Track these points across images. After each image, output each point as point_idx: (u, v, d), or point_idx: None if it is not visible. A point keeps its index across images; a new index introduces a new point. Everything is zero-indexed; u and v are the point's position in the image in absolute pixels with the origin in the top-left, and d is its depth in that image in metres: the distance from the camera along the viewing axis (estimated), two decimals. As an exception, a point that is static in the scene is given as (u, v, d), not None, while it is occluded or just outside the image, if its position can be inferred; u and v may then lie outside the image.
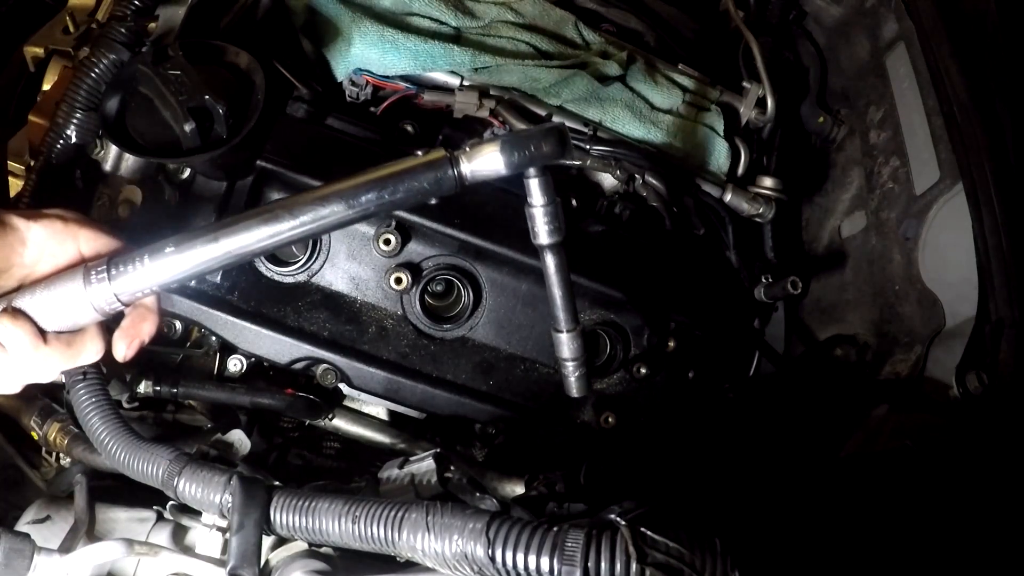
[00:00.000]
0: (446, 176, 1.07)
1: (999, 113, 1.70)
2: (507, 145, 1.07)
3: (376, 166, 1.10)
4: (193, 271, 1.08)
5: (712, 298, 1.83)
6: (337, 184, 1.08)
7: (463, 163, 1.07)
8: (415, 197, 1.08)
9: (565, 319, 1.31)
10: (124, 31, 1.47)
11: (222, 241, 1.07)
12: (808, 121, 2.20)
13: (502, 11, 1.81)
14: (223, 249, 1.08)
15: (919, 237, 1.82)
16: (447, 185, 1.08)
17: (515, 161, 1.08)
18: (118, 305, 1.10)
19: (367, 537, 1.04)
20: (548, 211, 1.20)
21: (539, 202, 1.18)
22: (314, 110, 1.63)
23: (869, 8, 2.06)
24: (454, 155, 1.07)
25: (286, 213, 1.07)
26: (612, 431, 1.73)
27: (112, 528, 1.29)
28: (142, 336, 1.18)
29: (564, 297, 1.29)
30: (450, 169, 1.07)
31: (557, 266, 1.26)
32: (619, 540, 0.95)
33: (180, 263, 1.08)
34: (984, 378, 1.59)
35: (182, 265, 1.08)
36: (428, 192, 1.08)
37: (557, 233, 1.22)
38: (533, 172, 1.15)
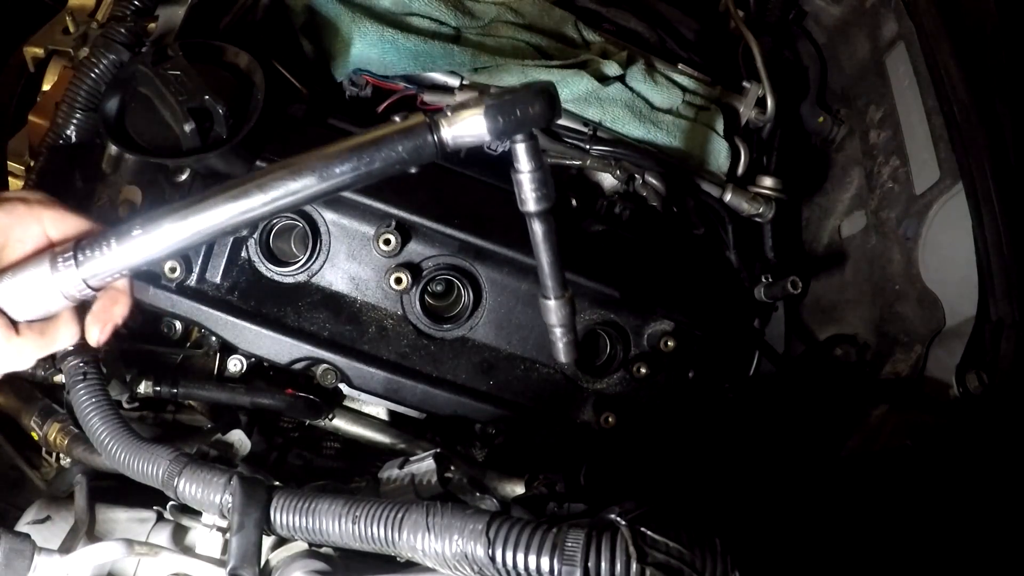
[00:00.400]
0: (425, 143, 1.00)
1: (999, 113, 1.70)
2: (492, 109, 1.00)
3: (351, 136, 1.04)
4: (162, 252, 1.05)
5: (712, 298, 1.83)
6: (309, 156, 1.03)
7: (443, 128, 1.01)
8: (393, 166, 1.02)
9: (553, 287, 1.27)
10: (124, 31, 1.47)
11: (191, 219, 1.03)
12: (808, 121, 2.20)
13: (502, 11, 1.81)
14: (192, 228, 1.03)
15: (919, 237, 1.82)
16: (427, 152, 1.01)
17: (500, 127, 1.01)
18: (88, 291, 1.07)
19: (367, 537, 1.04)
20: (535, 177, 1.13)
21: (526, 168, 1.12)
22: (314, 110, 1.63)
23: (869, 8, 2.06)
24: (434, 120, 1.01)
25: (256, 189, 1.02)
26: (612, 431, 1.73)
27: (112, 528, 1.29)
28: (115, 319, 1.16)
29: (552, 264, 1.24)
30: (429, 135, 1.00)
31: (545, 233, 1.21)
32: (619, 540, 0.95)
33: (149, 244, 1.04)
34: (984, 378, 1.59)
35: (151, 246, 1.04)
36: (407, 161, 1.01)
37: (545, 200, 1.16)
38: (520, 137, 1.08)
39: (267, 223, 1.63)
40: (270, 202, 1.03)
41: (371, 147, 1.02)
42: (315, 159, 1.03)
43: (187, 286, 1.61)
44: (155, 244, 1.04)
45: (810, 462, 1.81)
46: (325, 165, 1.02)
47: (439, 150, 1.01)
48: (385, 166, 1.02)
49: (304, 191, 1.03)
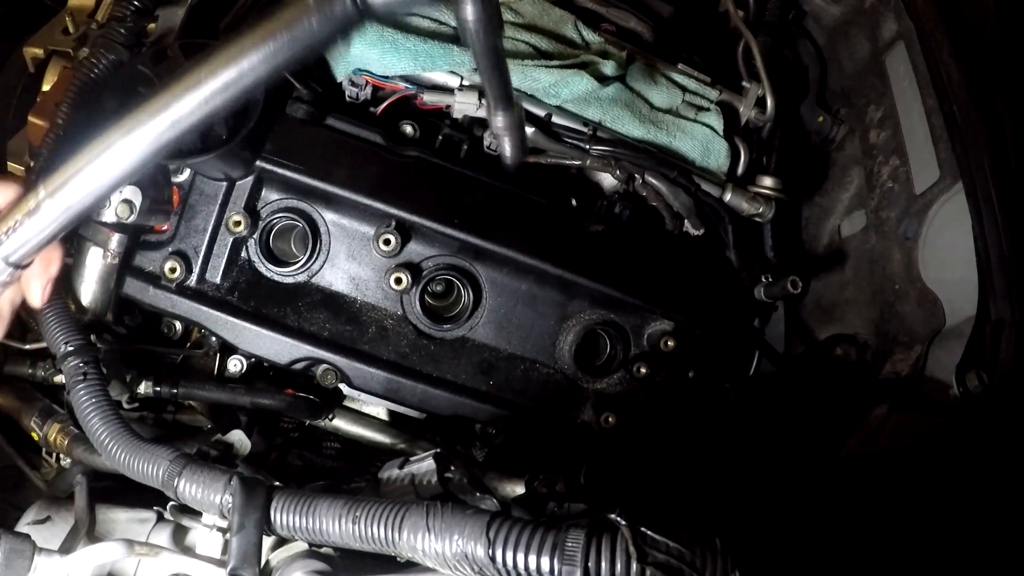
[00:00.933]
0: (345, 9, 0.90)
1: (999, 112, 1.70)
2: None
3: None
4: (77, 212, 1.00)
5: (712, 298, 1.83)
6: (216, 55, 0.92)
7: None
8: (315, 40, 0.92)
9: (503, 100, 1.25)
10: (123, 32, 1.47)
11: (104, 159, 0.96)
12: (808, 120, 2.20)
13: (501, 11, 1.80)
14: (99, 181, 0.98)
15: (919, 236, 1.82)
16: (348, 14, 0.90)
17: None
18: (17, 271, 1.05)
19: (367, 537, 1.04)
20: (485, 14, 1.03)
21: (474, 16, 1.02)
22: (314, 110, 1.63)
23: (868, 7, 2.06)
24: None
25: (162, 109, 0.93)
26: (612, 431, 1.73)
27: (112, 529, 1.29)
28: (51, 275, 1.20)
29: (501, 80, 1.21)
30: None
31: (495, 59, 1.14)
32: (619, 540, 0.95)
33: (60, 208, 0.99)
34: (984, 377, 1.59)
35: (64, 210, 0.99)
36: (330, 31, 0.92)
37: (495, 36, 1.08)
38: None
39: (267, 224, 1.63)
40: (188, 117, 0.94)
41: (289, 22, 0.91)
42: (228, 50, 0.92)
43: (187, 286, 1.61)
44: (67, 206, 0.98)
45: (810, 462, 1.81)
46: (239, 54, 0.92)
47: (362, 11, 0.91)
48: (308, 41, 0.92)
49: (223, 94, 0.93)
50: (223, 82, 0.92)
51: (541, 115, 1.74)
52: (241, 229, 1.59)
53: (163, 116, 0.94)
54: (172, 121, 0.94)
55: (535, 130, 1.71)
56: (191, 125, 0.95)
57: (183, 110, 0.94)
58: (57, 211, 1.00)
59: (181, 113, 0.94)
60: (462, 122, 1.75)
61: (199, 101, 0.93)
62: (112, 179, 0.99)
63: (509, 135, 1.31)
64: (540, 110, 1.74)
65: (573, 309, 1.74)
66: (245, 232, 1.59)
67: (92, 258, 1.57)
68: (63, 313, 1.38)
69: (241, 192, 1.61)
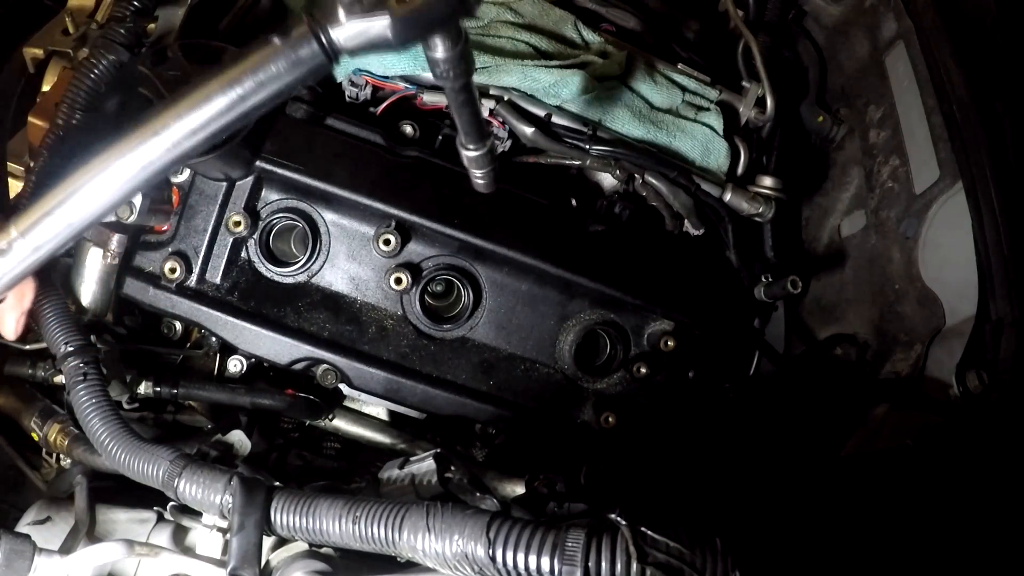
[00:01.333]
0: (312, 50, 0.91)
1: (999, 112, 1.70)
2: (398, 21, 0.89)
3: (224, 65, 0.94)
4: (48, 252, 1.01)
5: (712, 298, 1.83)
6: (183, 99, 0.93)
7: (332, 31, 0.91)
8: (284, 83, 0.92)
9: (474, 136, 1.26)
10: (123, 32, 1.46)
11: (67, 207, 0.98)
12: (808, 120, 2.20)
13: (501, 11, 1.81)
14: (69, 221, 0.99)
15: (919, 236, 1.82)
16: (317, 61, 0.91)
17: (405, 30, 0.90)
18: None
19: (368, 537, 1.04)
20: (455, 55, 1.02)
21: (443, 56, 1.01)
22: (313, 110, 1.63)
23: (868, 7, 2.06)
24: (320, 24, 0.91)
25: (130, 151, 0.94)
26: (612, 431, 1.73)
27: (113, 529, 1.29)
28: (25, 307, 1.25)
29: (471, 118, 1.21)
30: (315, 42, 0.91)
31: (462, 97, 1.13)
32: (619, 540, 0.95)
33: (31, 247, 1.00)
34: (984, 377, 1.59)
35: (34, 251, 1.00)
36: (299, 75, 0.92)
37: (464, 75, 1.07)
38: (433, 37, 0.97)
39: (267, 224, 1.63)
40: (151, 166, 0.95)
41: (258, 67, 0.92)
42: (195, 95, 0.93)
43: (187, 287, 1.61)
44: (41, 242, 1.00)
45: (810, 462, 1.81)
46: (206, 98, 0.92)
47: (331, 56, 0.92)
48: (277, 85, 0.93)
49: (185, 144, 0.94)
50: (190, 128, 0.94)
51: (541, 115, 1.74)
52: (241, 229, 1.59)
53: (131, 158, 0.95)
54: (141, 165, 0.96)
55: (535, 130, 1.71)
56: (161, 168, 0.96)
57: (151, 155, 0.95)
58: (28, 251, 1.02)
59: (150, 158, 0.95)
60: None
61: (167, 146, 0.94)
62: (82, 220, 1.00)
63: (480, 168, 1.33)
64: (540, 110, 1.74)
65: (573, 309, 1.74)
66: (245, 232, 1.59)
67: (92, 258, 1.57)
68: (63, 313, 1.38)
69: (241, 192, 1.61)
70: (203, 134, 0.94)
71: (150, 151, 0.95)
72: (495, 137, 1.69)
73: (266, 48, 0.92)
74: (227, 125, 0.94)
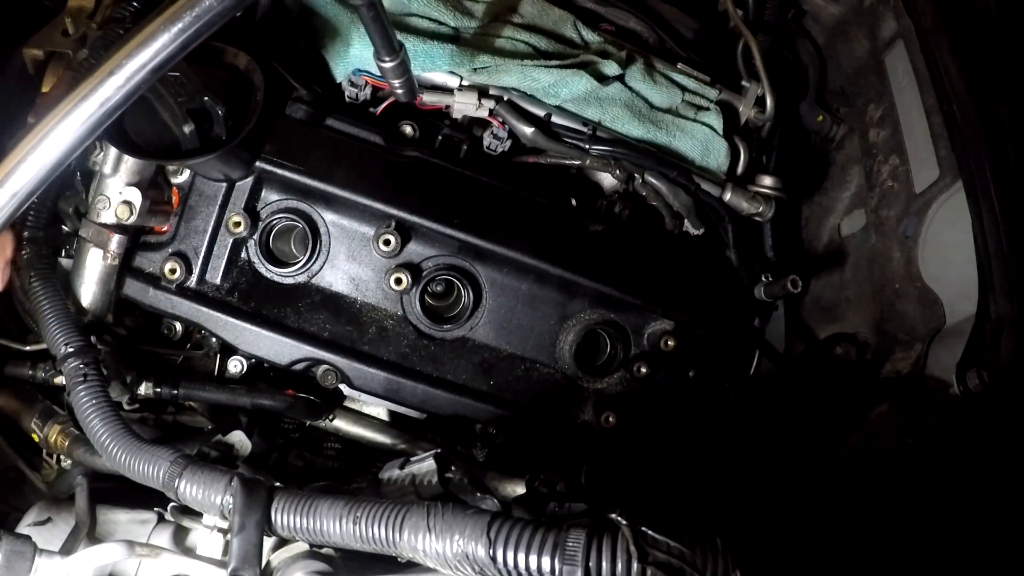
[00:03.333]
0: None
1: (998, 111, 1.70)
2: None
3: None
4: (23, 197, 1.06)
5: (712, 297, 1.83)
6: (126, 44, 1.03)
7: None
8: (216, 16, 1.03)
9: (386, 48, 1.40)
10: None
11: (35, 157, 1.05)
12: (807, 120, 2.20)
13: (501, 11, 1.81)
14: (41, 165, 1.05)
15: (919, 235, 1.82)
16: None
17: None
18: None
19: (368, 538, 1.04)
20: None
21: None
22: (313, 111, 1.63)
23: (868, 7, 2.06)
24: None
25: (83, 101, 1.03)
26: (612, 431, 1.73)
27: (113, 530, 1.29)
28: (8, 256, 1.29)
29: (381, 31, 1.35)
30: None
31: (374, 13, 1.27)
32: (620, 539, 0.95)
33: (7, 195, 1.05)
34: (984, 376, 1.59)
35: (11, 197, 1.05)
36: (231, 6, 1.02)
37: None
38: None
39: (267, 224, 1.63)
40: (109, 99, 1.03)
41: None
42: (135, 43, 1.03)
43: (187, 287, 1.61)
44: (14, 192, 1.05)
45: (811, 461, 1.81)
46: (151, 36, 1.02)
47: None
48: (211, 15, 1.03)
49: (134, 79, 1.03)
50: (139, 63, 1.03)
51: (541, 115, 1.74)
52: (241, 230, 1.59)
53: (92, 99, 1.04)
54: (100, 103, 1.04)
55: (535, 130, 1.71)
56: (116, 106, 1.05)
57: (107, 93, 1.04)
58: (5, 197, 1.07)
59: (107, 95, 1.04)
60: (461, 122, 1.75)
61: (119, 84, 1.04)
62: (54, 161, 1.06)
63: (397, 77, 1.48)
64: (540, 110, 1.74)
65: (573, 309, 1.74)
66: (245, 233, 1.59)
67: (92, 259, 1.57)
68: (63, 314, 1.38)
69: (241, 193, 1.61)
70: (151, 67, 1.04)
71: (107, 90, 1.04)
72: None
73: None
74: (172, 55, 1.04)
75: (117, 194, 1.55)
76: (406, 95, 1.55)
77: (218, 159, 1.46)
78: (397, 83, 1.51)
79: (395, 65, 1.44)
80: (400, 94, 1.55)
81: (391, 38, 1.38)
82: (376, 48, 1.40)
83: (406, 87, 1.52)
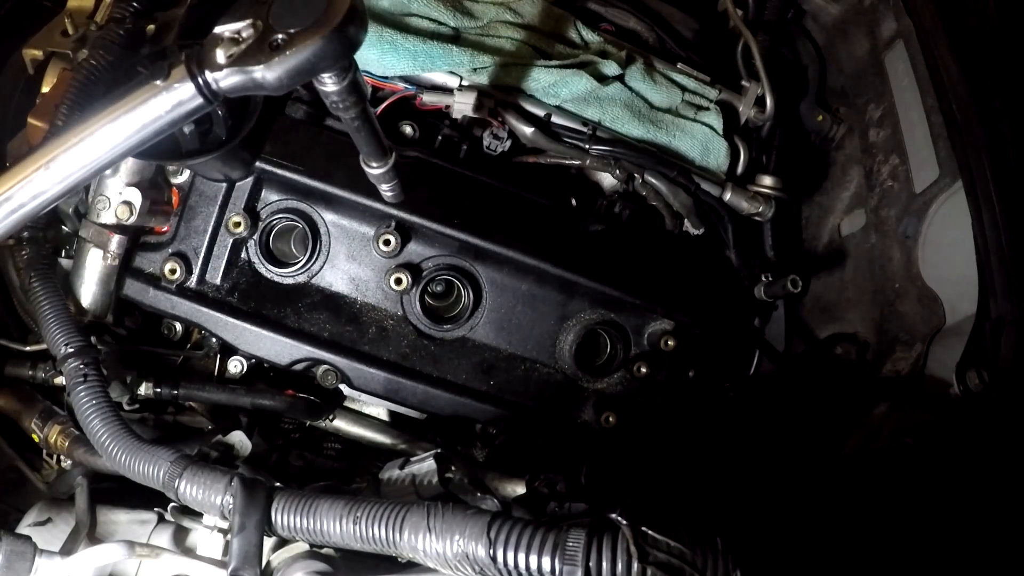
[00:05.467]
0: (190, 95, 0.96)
1: (998, 110, 1.69)
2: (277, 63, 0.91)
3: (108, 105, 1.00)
4: None
5: (712, 297, 1.83)
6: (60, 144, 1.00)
7: (209, 75, 0.95)
8: (162, 127, 0.99)
9: (376, 154, 1.30)
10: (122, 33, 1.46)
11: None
12: (807, 119, 2.20)
13: (501, 11, 1.81)
14: None
15: (919, 235, 1.82)
16: (195, 105, 0.97)
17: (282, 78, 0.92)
18: None
19: (368, 538, 1.04)
20: (344, 88, 1.04)
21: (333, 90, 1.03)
22: (313, 111, 1.63)
23: (868, 6, 2.06)
24: (199, 69, 0.95)
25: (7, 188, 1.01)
26: (613, 431, 1.73)
27: (113, 530, 1.29)
28: None
29: (371, 139, 1.25)
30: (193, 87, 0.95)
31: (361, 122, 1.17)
32: (620, 539, 0.95)
33: None
34: (984, 376, 1.59)
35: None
36: (177, 118, 0.98)
37: (358, 104, 1.11)
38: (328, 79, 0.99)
39: (267, 225, 1.63)
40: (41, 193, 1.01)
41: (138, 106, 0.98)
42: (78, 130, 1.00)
43: (187, 288, 1.61)
44: None
45: (811, 461, 1.81)
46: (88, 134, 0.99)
47: (209, 99, 0.97)
48: (157, 125, 0.98)
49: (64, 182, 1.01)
50: (77, 163, 1.00)
51: (541, 115, 1.74)
52: (241, 230, 1.59)
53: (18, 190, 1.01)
54: (32, 194, 1.02)
55: (535, 130, 1.71)
56: (47, 201, 1.02)
57: (39, 186, 1.02)
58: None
59: (38, 189, 1.02)
60: (461, 122, 1.75)
61: (55, 179, 1.01)
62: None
63: (387, 183, 1.39)
64: (540, 110, 1.74)
65: (573, 309, 1.74)
66: (245, 233, 1.59)
67: (92, 260, 1.57)
68: (63, 315, 1.38)
69: (241, 193, 1.61)
70: (88, 169, 1.00)
71: (38, 183, 1.01)
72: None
73: (145, 89, 0.97)
74: (110, 160, 1.00)
75: (117, 194, 1.55)
76: (395, 198, 1.45)
77: (218, 159, 1.46)
78: (387, 187, 1.41)
79: (385, 171, 1.34)
80: (389, 197, 1.44)
81: (381, 142, 1.27)
82: (363, 155, 1.30)
83: (395, 191, 1.42)
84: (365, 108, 1.13)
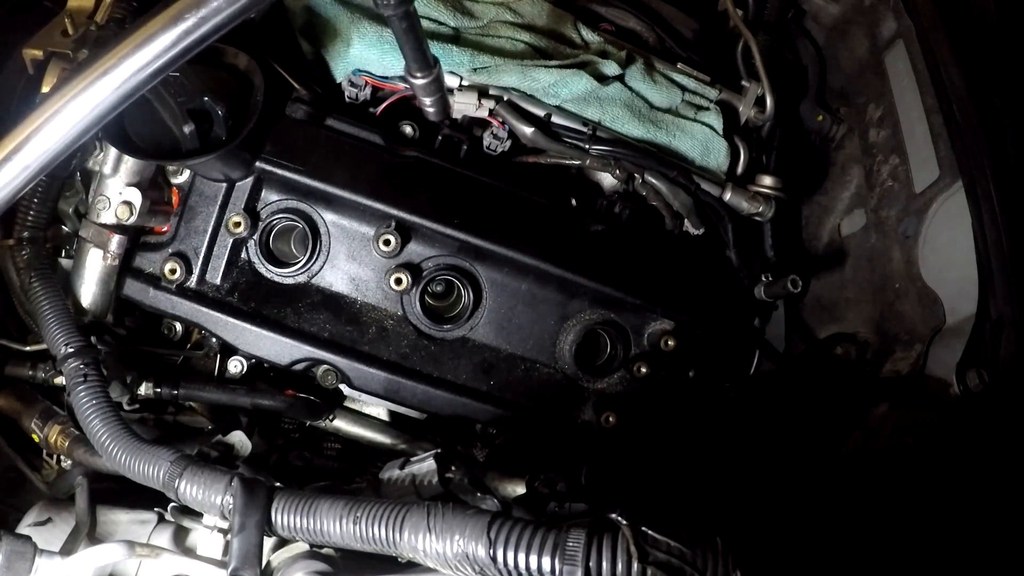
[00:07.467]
0: None
1: (998, 110, 1.69)
2: None
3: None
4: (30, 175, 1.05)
5: (712, 297, 1.83)
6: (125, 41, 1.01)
7: None
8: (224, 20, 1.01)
9: (421, 64, 1.30)
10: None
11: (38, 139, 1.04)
12: (807, 119, 2.20)
13: (501, 11, 1.81)
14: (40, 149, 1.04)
15: (919, 235, 1.82)
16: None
17: None
18: None
19: (368, 538, 1.04)
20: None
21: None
22: (313, 111, 1.63)
23: (868, 6, 2.06)
24: None
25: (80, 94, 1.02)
26: (613, 431, 1.73)
27: (113, 530, 1.29)
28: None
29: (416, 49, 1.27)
30: None
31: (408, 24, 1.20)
32: (620, 539, 0.95)
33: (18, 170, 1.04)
34: (984, 376, 1.59)
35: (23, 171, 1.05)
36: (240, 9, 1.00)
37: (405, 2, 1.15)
38: None
39: (267, 225, 1.63)
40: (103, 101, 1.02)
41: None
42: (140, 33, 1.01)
43: (187, 288, 1.61)
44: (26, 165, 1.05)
45: (811, 461, 1.81)
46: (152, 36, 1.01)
47: None
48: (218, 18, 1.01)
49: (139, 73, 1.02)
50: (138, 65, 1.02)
51: (541, 115, 1.74)
52: (241, 230, 1.59)
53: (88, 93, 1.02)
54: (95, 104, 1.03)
55: (535, 130, 1.71)
56: (112, 106, 1.03)
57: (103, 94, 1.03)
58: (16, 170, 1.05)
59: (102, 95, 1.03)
60: (461, 122, 1.75)
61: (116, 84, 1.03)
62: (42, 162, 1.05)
63: (430, 95, 1.37)
64: (540, 110, 1.74)
65: (573, 309, 1.74)
66: (245, 233, 1.59)
67: (92, 260, 1.58)
68: (63, 315, 1.38)
69: (241, 193, 1.61)
70: (150, 70, 1.02)
71: (102, 89, 1.02)
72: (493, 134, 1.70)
73: None
74: (172, 60, 1.01)
75: (117, 194, 1.55)
76: (437, 114, 1.42)
77: (218, 159, 1.46)
78: (429, 101, 1.39)
79: (428, 82, 1.32)
80: (431, 113, 1.41)
81: (426, 52, 1.26)
82: (408, 63, 1.28)
83: (438, 106, 1.40)
84: (412, 9, 1.16)
